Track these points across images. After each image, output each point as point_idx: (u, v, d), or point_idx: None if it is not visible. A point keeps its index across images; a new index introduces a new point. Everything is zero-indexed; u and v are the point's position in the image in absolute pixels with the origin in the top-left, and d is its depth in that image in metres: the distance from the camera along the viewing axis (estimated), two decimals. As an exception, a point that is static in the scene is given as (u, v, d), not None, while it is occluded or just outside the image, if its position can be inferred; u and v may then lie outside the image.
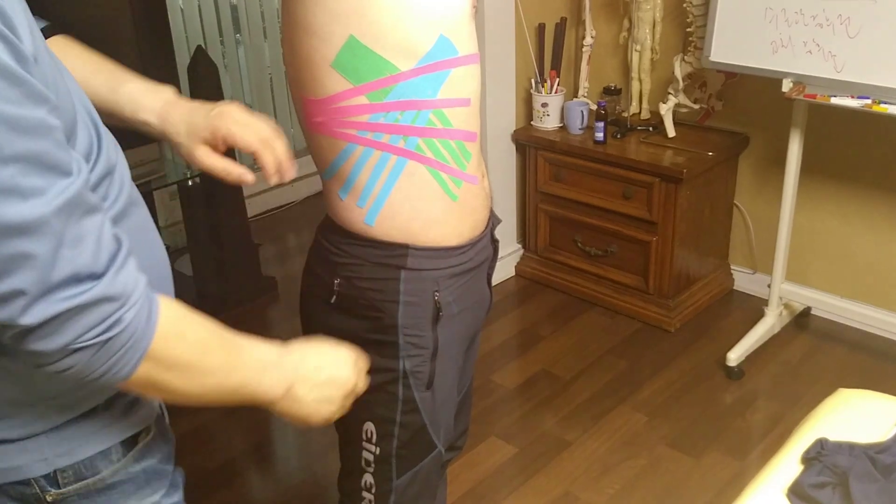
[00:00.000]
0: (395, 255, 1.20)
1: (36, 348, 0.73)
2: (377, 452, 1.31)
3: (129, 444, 0.94)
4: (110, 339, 0.75)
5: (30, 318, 0.71)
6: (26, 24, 0.70)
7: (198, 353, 0.85)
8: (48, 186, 0.68)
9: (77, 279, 0.72)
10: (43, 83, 0.70)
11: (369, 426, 1.29)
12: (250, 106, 4.02)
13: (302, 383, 0.97)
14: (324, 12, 1.08)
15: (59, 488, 0.89)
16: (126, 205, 0.89)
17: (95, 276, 0.73)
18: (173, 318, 0.83)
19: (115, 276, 0.75)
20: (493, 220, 1.35)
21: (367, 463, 1.32)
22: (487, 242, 1.32)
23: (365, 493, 1.35)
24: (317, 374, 0.99)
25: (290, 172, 1.11)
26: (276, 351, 0.96)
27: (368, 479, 1.33)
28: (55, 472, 0.88)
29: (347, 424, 1.34)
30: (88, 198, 0.74)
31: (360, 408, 1.29)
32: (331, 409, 1.02)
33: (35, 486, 0.88)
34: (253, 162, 1.12)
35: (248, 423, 2.56)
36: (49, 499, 0.89)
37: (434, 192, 1.19)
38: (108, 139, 0.88)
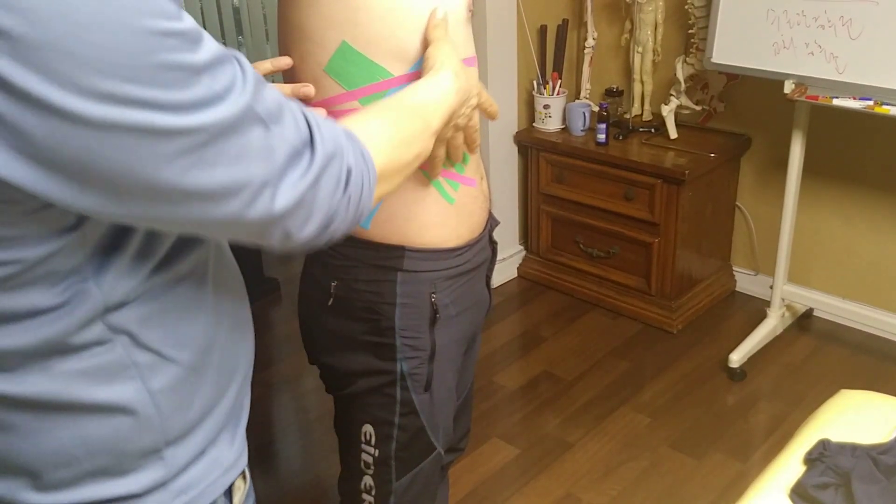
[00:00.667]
0: (391, 256, 1.20)
1: (306, 235, 0.75)
2: (376, 454, 1.31)
3: (229, 493, 0.88)
4: (352, 190, 0.78)
5: (281, 203, 0.70)
6: None
7: (404, 139, 0.91)
8: (232, 79, 0.67)
9: (297, 153, 0.72)
10: None
11: (368, 428, 1.29)
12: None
13: (457, 65, 1.07)
14: (317, 17, 1.08)
15: None
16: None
17: (307, 142, 0.74)
18: (370, 134, 0.86)
19: (320, 132, 0.76)
20: (491, 222, 1.34)
21: (367, 465, 1.32)
22: (486, 244, 1.32)
23: (365, 496, 1.35)
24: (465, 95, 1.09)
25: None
26: (426, 78, 1.04)
27: (368, 481, 1.33)
28: None
29: (346, 427, 1.34)
30: (256, 72, 0.71)
31: (359, 410, 1.30)
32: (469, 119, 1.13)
33: None
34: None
35: (250, 424, 2.56)
36: None
37: (430, 195, 1.19)
38: None
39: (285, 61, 1.14)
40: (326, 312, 1.25)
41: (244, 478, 0.93)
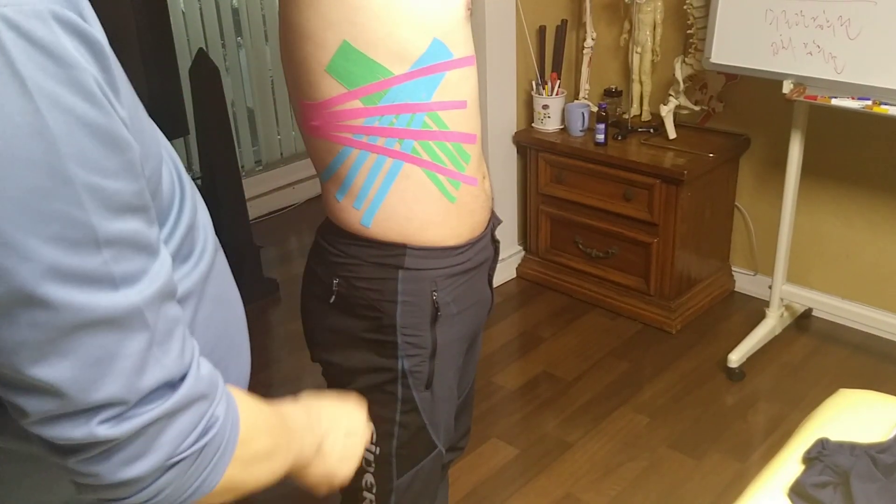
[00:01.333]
0: (392, 254, 1.20)
1: (124, 476, 0.60)
2: (377, 452, 1.31)
3: None
4: (207, 443, 0.64)
5: (114, 431, 0.58)
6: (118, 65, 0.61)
7: (269, 440, 0.75)
8: (141, 272, 0.58)
9: (169, 384, 0.61)
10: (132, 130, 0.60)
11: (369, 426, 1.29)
12: (252, 108, 4.03)
13: (328, 438, 0.90)
14: (318, 18, 1.09)
15: None
16: (213, 254, 0.78)
17: (182, 375, 0.63)
18: (245, 406, 0.72)
19: (199, 368, 0.65)
20: (493, 221, 1.35)
21: (368, 463, 1.32)
22: (488, 243, 1.32)
23: (365, 493, 1.35)
24: (338, 427, 0.93)
25: None
26: (301, 410, 0.88)
27: (369, 478, 1.34)
28: None
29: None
30: (173, 281, 0.62)
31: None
32: (352, 463, 0.95)
33: None
34: (254, 163, 1.13)
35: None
36: None
37: (431, 194, 1.19)
38: (187, 178, 0.76)
39: None
40: (328, 310, 1.25)
41: None
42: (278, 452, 0.77)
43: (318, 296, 1.28)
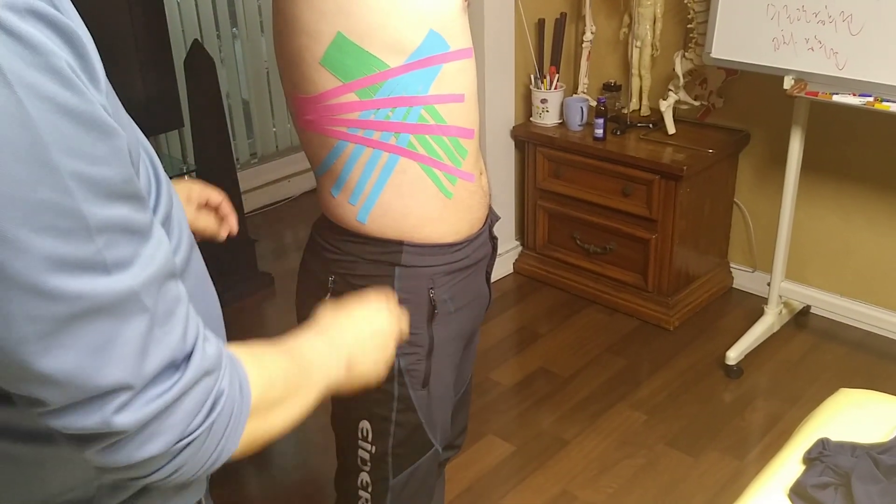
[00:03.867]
0: (389, 251, 1.18)
1: (139, 457, 0.61)
2: (373, 451, 1.29)
3: None
4: (216, 418, 0.65)
5: (126, 420, 0.59)
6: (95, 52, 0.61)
7: (286, 386, 0.77)
8: (134, 256, 0.58)
9: (174, 364, 0.62)
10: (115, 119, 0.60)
11: (365, 424, 1.28)
12: (247, 101, 4.00)
13: (356, 352, 0.92)
14: (311, 9, 1.07)
15: None
16: (189, 248, 0.78)
17: (187, 355, 0.63)
18: (253, 363, 0.73)
19: (204, 346, 0.65)
20: (491, 218, 1.33)
21: (364, 461, 1.31)
22: (486, 240, 1.31)
23: (361, 492, 1.34)
24: (364, 336, 0.94)
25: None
26: (323, 337, 0.90)
27: (365, 477, 1.32)
28: None
29: (343, 423, 1.33)
30: (173, 261, 0.63)
31: (356, 406, 1.28)
32: (384, 361, 0.97)
33: None
34: (250, 156, 1.12)
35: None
36: None
37: (427, 189, 1.17)
38: (164, 176, 0.76)
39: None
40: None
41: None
42: (298, 394, 0.80)
43: (313, 293, 1.26)
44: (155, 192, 0.71)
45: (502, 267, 3.29)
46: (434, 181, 1.17)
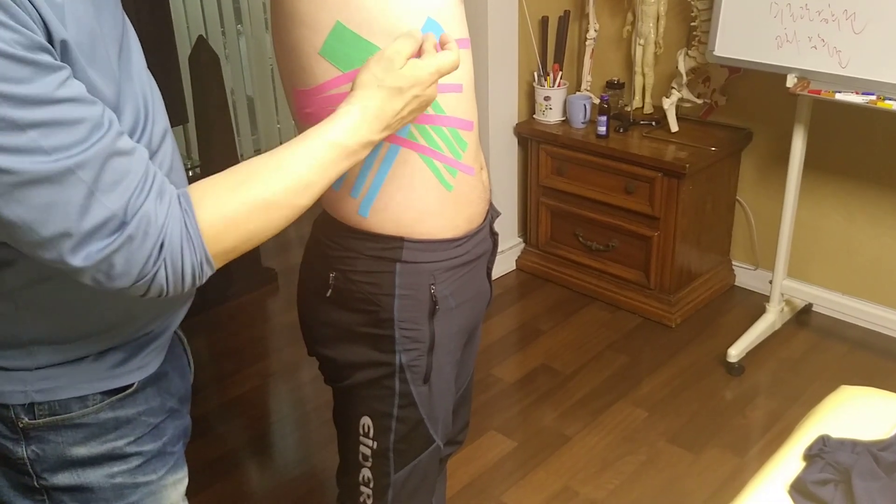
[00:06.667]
0: (390, 247, 1.18)
1: (117, 285, 0.83)
2: (374, 447, 1.30)
3: (109, 394, 1.00)
4: (167, 259, 0.84)
5: (77, 260, 0.80)
6: (59, 14, 0.79)
7: (258, 203, 0.91)
8: (73, 142, 0.77)
9: (105, 225, 0.80)
10: (74, 62, 0.80)
11: (366, 420, 1.28)
12: (251, 97, 4.01)
13: (386, 129, 1.02)
14: (310, 0, 1.07)
15: (34, 419, 0.96)
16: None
17: (123, 217, 0.81)
18: (215, 197, 0.90)
19: (155, 206, 0.83)
20: (492, 213, 1.33)
21: (365, 457, 1.31)
22: (486, 235, 1.31)
23: (363, 488, 1.34)
24: (402, 108, 1.02)
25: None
26: (353, 128, 0.99)
27: (366, 473, 1.33)
28: (32, 404, 0.96)
29: (345, 419, 1.33)
30: (122, 145, 0.82)
31: (357, 402, 1.29)
32: (430, 94, 1.06)
33: (12, 411, 0.96)
34: (254, 152, 1.12)
35: (248, 415, 2.56)
36: (21, 425, 0.97)
37: (428, 181, 1.17)
38: (160, 126, 0.98)
39: None
40: (325, 304, 1.24)
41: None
42: (291, 182, 0.94)
43: (314, 289, 1.26)
44: (139, 133, 0.92)
45: (505, 264, 3.30)
46: (435, 173, 1.18)
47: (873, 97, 2.22)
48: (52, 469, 0.99)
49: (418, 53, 1.06)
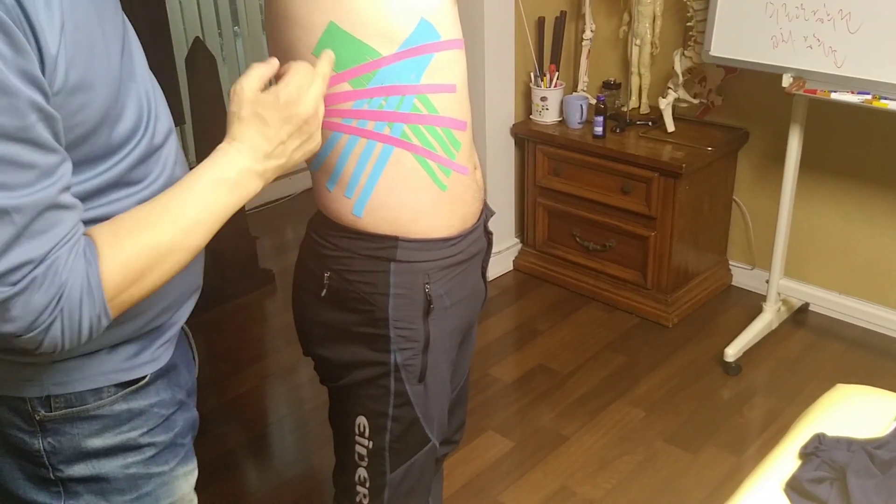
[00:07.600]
0: (384, 247, 1.19)
1: (10, 330, 0.81)
2: (370, 446, 1.30)
3: (123, 386, 1.01)
4: (65, 309, 0.83)
5: None
6: (54, 21, 0.79)
7: (153, 250, 0.89)
8: (18, 184, 0.77)
9: (28, 266, 0.79)
10: (70, 62, 0.80)
11: (362, 420, 1.29)
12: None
13: (270, 157, 0.99)
14: (304, 1, 1.08)
15: (50, 411, 0.98)
16: (164, 186, 0.97)
17: (44, 262, 0.81)
18: (109, 251, 0.87)
19: (68, 260, 0.82)
20: (486, 213, 1.34)
21: (361, 457, 1.31)
22: (480, 234, 1.31)
23: (359, 488, 1.34)
24: (276, 133, 0.99)
25: None
26: (228, 161, 0.96)
27: (362, 473, 1.33)
28: (48, 397, 0.97)
29: (340, 419, 1.34)
30: (63, 199, 0.82)
31: (353, 402, 1.29)
32: (312, 140, 1.03)
33: (28, 404, 0.97)
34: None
35: (245, 416, 2.56)
36: (37, 418, 0.98)
37: (422, 180, 1.18)
38: (164, 123, 1.01)
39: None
40: (320, 303, 1.24)
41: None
42: (184, 234, 0.92)
43: (309, 290, 1.27)
44: (143, 129, 0.95)
45: (502, 264, 3.30)
46: (428, 173, 1.18)
47: (869, 96, 2.22)
48: (67, 461, 1.01)
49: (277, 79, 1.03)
